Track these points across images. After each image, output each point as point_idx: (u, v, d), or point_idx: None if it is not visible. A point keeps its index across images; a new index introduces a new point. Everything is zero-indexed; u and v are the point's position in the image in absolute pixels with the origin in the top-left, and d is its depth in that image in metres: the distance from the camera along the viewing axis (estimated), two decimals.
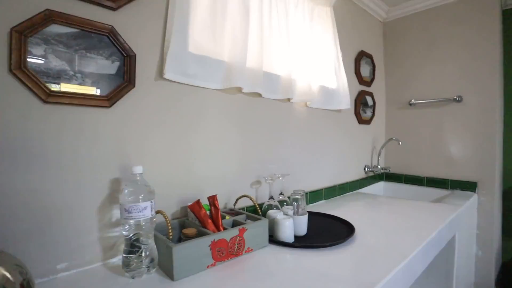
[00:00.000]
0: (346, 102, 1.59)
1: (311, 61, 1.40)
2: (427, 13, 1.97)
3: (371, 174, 2.01)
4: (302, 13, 1.39)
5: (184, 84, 0.95)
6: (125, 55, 0.82)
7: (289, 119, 1.35)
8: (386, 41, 2.18)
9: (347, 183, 1.75)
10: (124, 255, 0.72)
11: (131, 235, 0.72)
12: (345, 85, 1.58)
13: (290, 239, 0.93)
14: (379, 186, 2.14)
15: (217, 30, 1.04)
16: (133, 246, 0.72)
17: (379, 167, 1.95)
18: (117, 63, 0.81)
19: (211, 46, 1.03)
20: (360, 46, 1.90)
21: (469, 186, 1.79)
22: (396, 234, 1.02)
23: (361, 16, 1.93)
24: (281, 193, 1.18)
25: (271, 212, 1.01)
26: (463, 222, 1.55)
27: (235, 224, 0.91)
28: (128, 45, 0.82)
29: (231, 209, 1.04)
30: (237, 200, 1.04)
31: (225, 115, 1.08)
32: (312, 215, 1.20)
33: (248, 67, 1.09)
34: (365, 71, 1.92)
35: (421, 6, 1.98)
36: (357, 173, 1.87)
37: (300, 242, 0.92)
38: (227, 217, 0.94)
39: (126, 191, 0.73)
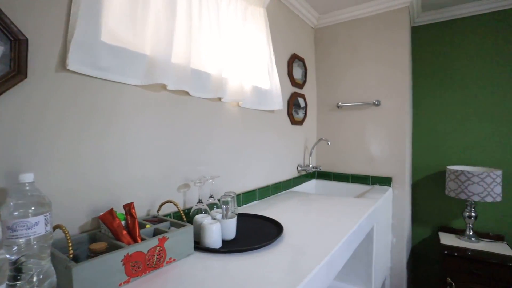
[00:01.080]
0: (278, 103, 1.61)
1: (243, 60, 1.39)
2: (351, 23, 2.14)
3: (303, 173, 2.10)
4: (235, 11, 1.36)
5: (95, 77, 0.84)
6: (12, 39, 0.67)
7: (220, 119, 1.31)
8: (317, 47, 2.30)
9: (280, 182, 1.78)
10: (8, 282, 0.59)
11: (17, 257, 0.59)
12: (277, 86, 1.61)
13: (217, 244, 0.89)
14: (311, 184, 2.25)
15: (138, 20, 0.94)
16: (20, 271, 0.59)
17: (310, 166, 2.04)
18: (0, 48, 0.66)
19: (130, 37, 0.93)
20: (293, 49, 1.97)
21: (386, 181, 2.00)
22: (321, 230, 1.06)
23: (294, 20, 2.00)
24: (211, 196, 1.14)
25: (198, 217, 0.96)
26: (381, 214, 1.72)
27: (156, 233, 0.83)
28: (16, 27, 0.68)
29: (154, 216, 0.96)
30: (160, 206, 0.96)
31: (147, 114, 0.99)
32: (242, 217, 1.19)
33: (174, 62, 1.01)
34: (297, 73, 2.00)
35: (346, 17, 2.14)
36: (291, 172, 1.93)
37: (228, 247, 0.89)
38: (148, 225, 0.85)
39: (12, 204, 0.60)
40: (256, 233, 1.01)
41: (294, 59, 1.94)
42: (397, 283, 2.03)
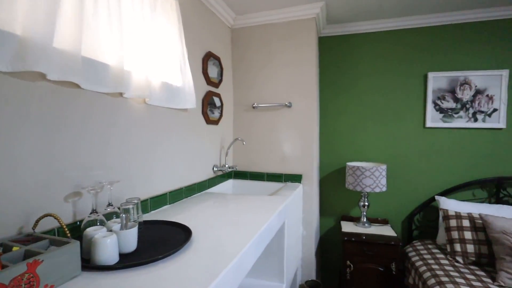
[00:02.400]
0: (191, 101, 1.54)
1: (151, 53, 1.27)
2: (266, 27, 2.22)
3: (220, 173, 2.07)
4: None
5: None
6: None
7: (122, 117, 1.17)
8: (234, 47, 2.31)
9: (195, 184, 1.72)
10: None
11: None
12: (190, 84, 1.54)
13: (113, 260, 0.78)
14: (228, 184, 2.24)
15: None
16: None
17: (227, 166, 2.03)
18: None
19: None
20: (208, 47, 1.92)
21: (297, 178, 2.14)
22: (233, 231, 1.05)
23: (210, 18, 1.95)
24: (110, 204, 1.00)
25: (89, 230, 0.82)
26: (292, 209, 1.83)
27: (27, 255, 0.68)
28: None
29: (28, 235, 0.78)
30: (37, 221, 0.79)
31: (20, 108, 0.80)
32: (148, 225, 1.08)
33: (57, 48, 0.85)
34: (213, 72, 1.96)
35: (261, 20, 2.21)
36: (206, 173, 1.88)
37: (126, 261, 0.79)
38: (15, 248, 0.68)
39: None
40: (162, 242, 0.93)
41: (210, 57, 1.90)
42: (307, 272, 2.19)
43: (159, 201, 1.38)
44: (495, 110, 2.18)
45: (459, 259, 1.83)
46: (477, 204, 2.04)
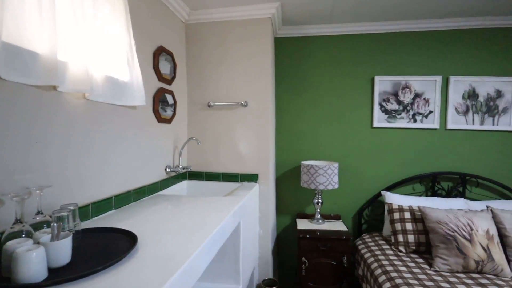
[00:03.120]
0: (140, 98, 1.44)
1: (92, 43, 1.15)
2: (222, 25, 2.17)
3: (173, 174, 1.98)
4: None
5: None
6: None
7: (57, 113, 1.04)
8: (189, 43, 2.22)
9: (145, 186, 1.61)
10: None
11: None
12: (139, 79, 1.44)
13: (40, 276, 0.68)
14: (183, 185, 2.15)
15: None
16: None
17: (180, 166, 1.95)
18: None
19: None
20: (160, 41, 1.82)
21: (253, 178, 2.13)
22: (183, 235, 0.99)
23: (162, 10, 1.85)
24: (39, 212, 0.88)
25: (11, 243, 0.71)
26: (248, 209, 1.81)
27: None
28: None
29: None
30: None
31: None
32: (87, 234, 0.98)
33: None
34: (165, 68, 1.86)
35: (217, 17, 2.16)
36: (158, 175, 1.78)
37: (57, 277, 0.69)
38: None
39: None
40: (103, 251, 0.84)
41: (161, 52, 1.80)
42: (264, 271, 2.20)
43: (103, 206, 1.26)
44: (430, 112, 2.41)
45: (402, 248, 1.98)
46: (416, 198, 2.23)
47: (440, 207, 2.07)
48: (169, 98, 1.90)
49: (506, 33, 2.34)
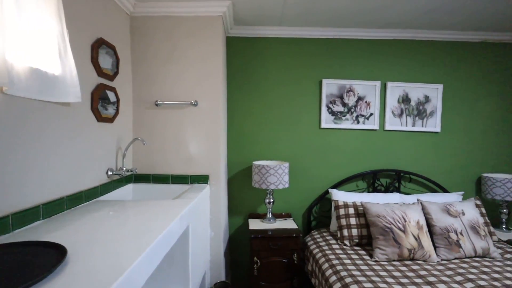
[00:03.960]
0: (75, 94, 1.30)
1: (12, 30, 1.00)
2: (171, 20, 2.08)
3: (116, 177, 1.83)
4: None
5: None
6: None
7: None
8: (134, 37, 2.08)
9: (82, 192, 1.46)
10: None
11: None
12: (73, 73, 1.30)
13: None
14: (128, 189, 2.01)
15: None
16: None
17: (124, 169, 1.81)
18: None
19: None
20: (100, 33, 1.67)
21: (204, 179, 2.08)
22: (123, 245, 0.91)
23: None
24: None
25: None
26: (198, 212, 1.76)
27: None
28: None
29: None
30: None
31: None
32: (2, 250, 0.84)
33: None
34: (106, 62, 1.71)
35: (165, 11, 2.06)
36: (98, 178, 1.63)
37: None
38: None
39: None
40: (22, 269, 0.73)
41: (101, 45, 1.65)
42: (216, 274, 2.16)
43: (27, 216, 1.11)
44: (371, 114, 2.60)
45: (347, 242, 2.11)
46: (359, 194, 2.39)
47: (379, 202, 2.25)
48: (111, 95, 1.75)
49: (433, 45, 2.63)
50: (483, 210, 2.30)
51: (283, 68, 2.58)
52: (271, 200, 2.34)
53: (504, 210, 2.50)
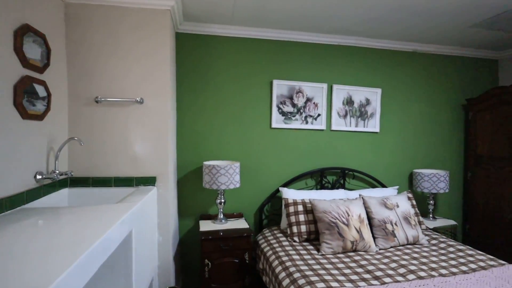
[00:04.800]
0: None
1: None
2: (114, 10, 1.93)
3: (48, 181, 1.64)
4: None
5: None
6: None
7: None
8: (70, 26, 1.89)
9: (1, 199, 1.27)
10: None
11: None
12: None
13: None
14: (63, 195, 1.81)
15: None
16: None
17: (57, 172, 1.63)
18: None
19: None
20: (25, 19, 1.47)
21: (151, 181, 1.98)
22: (48, 258, 0.81)
23: None
24: None
25: None
26: (143, 215, 1.66)
27: None
28: None
29: None
30: None
31: None
32: None
33: None
34: (33, 52, 1.52)
35: (107, 0, 1.90)
36: (23, 183, 1.44)
37: None
38: None
39: None
40: None
41: (27, 32, 1.46)
42: (165, 279, 2.06)
43: None
44: (319, 115, 2.73)
45: (296, 238, 2.18)
46: (308, 191, 2.48)
47: (326, 198, 2.36)
48: (39, 89, 1.56)
49: (373, 52, 2.85)
50: (414, 202, 2.56)
51: (235, 67, 2.57)
52: (223, 200, 2.32)
53: (431, 202, 2.82)
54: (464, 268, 1.78)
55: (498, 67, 3.29)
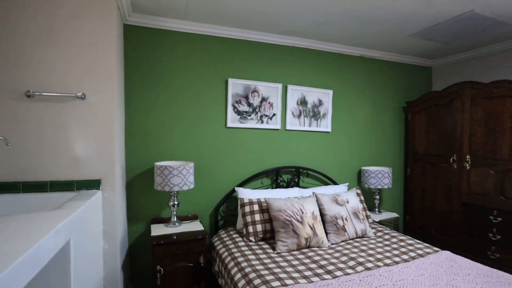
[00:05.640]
0: None
1: None
2: None
3: None
4: None
5: None
6: None
7: None
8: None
9: None
10: None
11: None
12: None
13: None
14: None
15: None
16: None
17: None
18: None
19: None
20: None
21: (94, 184, 1.81)
22: None
23: None
24: None
25: None
26: (84, 223, 1.51)
27: None
28: None
29: None
30: None
31: None
32: None
33: None
34: None
35: None
36: None
37: None
38: None
39: None
40: None
41: None
42: None
43: None
44: (274, 114, 2.76)
45: (252, 238, 2.17)
46: (264, 190, 2.49)
47: (281, 197, 2.39)
48: None
49: (325, 55, 2.98)
50: (362, 198, 2.72)
51: (189, 64, 2.48)
52: (176, 202, 2.21)
53: (377, 197, 3.03)
54: (405, 257, 1.93)
55: (432, 73, 3.67)
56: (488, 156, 2.61)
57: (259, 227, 2.20)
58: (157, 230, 2.16)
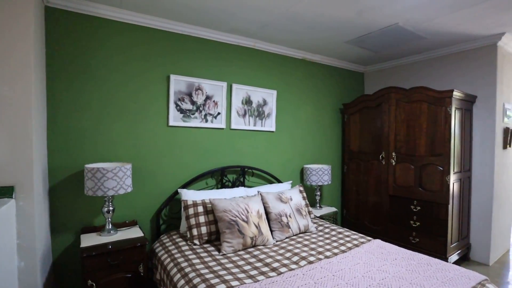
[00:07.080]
0: None
1: None
2: None
3: None
4: None
5: None
6: None
7: None
8: None
9: None
10: None
11: None
12: None
13: None
14: None
15: None
16: None
17: None
18: None
19: None
20: None
21: (5, 192, 1.53)
22: None
23: None
24: None
25: None
26: None
27: None
28: None
29: None
30: None
31: None
32: None
33: None
34: None
35: None
36: None
37: None
38: None
39: None
40: None
41: None
42: None
43: None
44: (219, 113, 2.71)
45: (196, 241, 2.09)
46: (209, 191, 2.42)
47: (227, 197, 2.36)
48: None
49: (270, 56, 3.03)
50: (304, 194, 2.84)
51: (126, 57, 2.27)
52: (111, 208, 2.01)
53: (318, 193, 3.20)
54: (343, 248, 2.06)
55: (364, 78, 4.02)
56: (409, 153, 2.95)
57: (203, 229, 2.12)
58: (88, 240, 1.93)
